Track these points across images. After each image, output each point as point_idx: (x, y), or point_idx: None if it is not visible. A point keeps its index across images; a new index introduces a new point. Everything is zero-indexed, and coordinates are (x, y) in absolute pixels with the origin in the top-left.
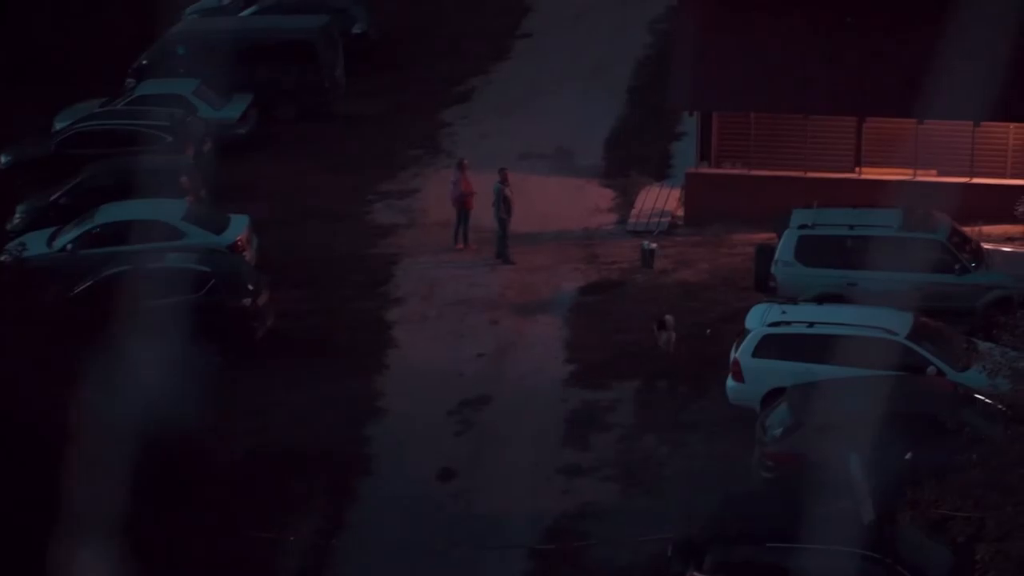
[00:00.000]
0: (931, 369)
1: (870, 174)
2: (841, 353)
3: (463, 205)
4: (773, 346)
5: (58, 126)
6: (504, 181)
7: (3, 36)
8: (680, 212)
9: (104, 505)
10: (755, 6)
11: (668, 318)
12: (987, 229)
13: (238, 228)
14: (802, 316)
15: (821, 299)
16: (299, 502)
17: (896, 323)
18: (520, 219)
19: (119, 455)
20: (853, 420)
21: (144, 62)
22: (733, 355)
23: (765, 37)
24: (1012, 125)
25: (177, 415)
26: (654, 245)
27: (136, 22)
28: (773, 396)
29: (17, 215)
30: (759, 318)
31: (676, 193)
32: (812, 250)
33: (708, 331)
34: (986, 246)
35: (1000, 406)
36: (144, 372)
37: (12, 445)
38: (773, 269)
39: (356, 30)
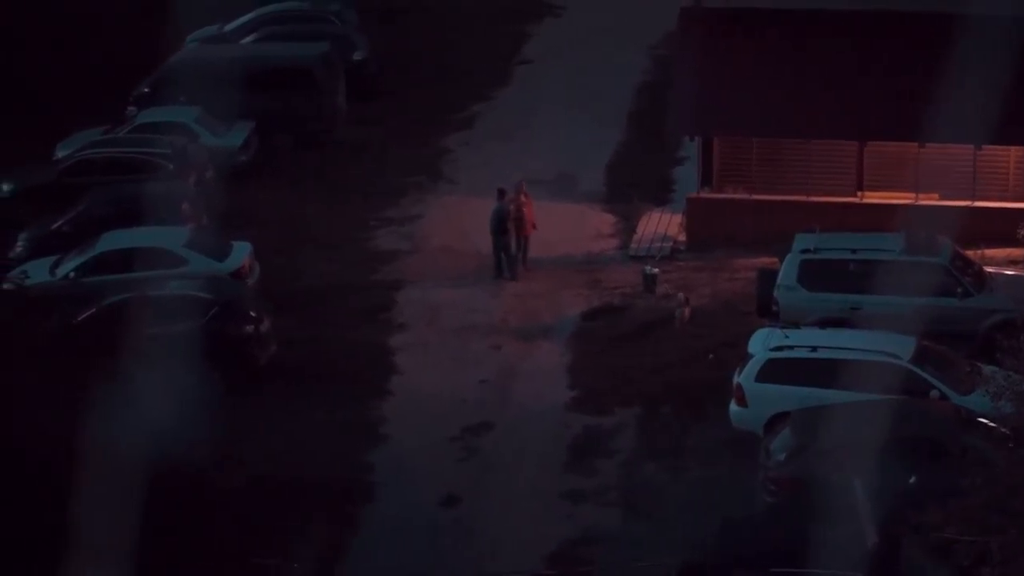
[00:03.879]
0: (934, 393)
1: (872, 198)
2: (844, 377)
3: (521, 231)
4: (776, 371)
5: (60, 154)
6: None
7: (4, 64)
8: (682, 237)
9: (108, 533)
10: (755, 31)
11: (680, 295)
12: (989, 252)
13: (240, 255)
14: (805, 340)
15: (824, 323)
16: (302, 529)
17: (899, 347)
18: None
19: (122, 483)
20: (856, 444)
21: (146, 90)
22: (736, 380)
23: (765, 61)
24: (1013, 148)
25: (180, 443)
26: (656, 270)
27: (138, 50)
28: (776, 421)
29: (20, 243)
30: (762, 343)
31: (678, 218)
32: (815, 274)
33: (711, 356)
34: (988, 269)
35: (1004, 430)
36: (147, 400)
37: (16, 473)
38: (776, 293)
39: (356, 57)
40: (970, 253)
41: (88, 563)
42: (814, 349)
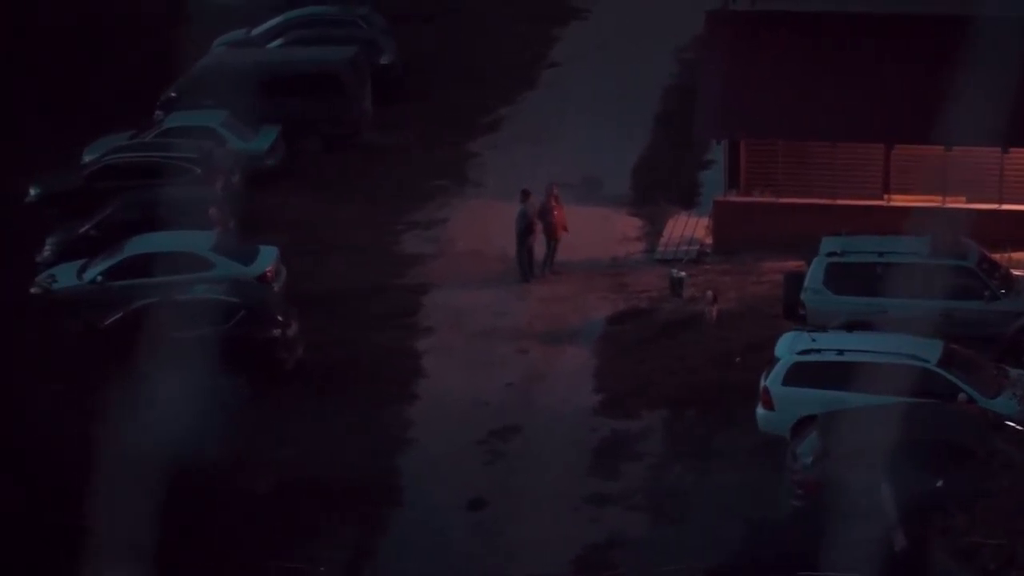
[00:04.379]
0: (962, 396)
1: (899, 201)
2: (871, 381)
3: (553, 234)
4: (803, 374)
5: (87, 159)
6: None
7: (33, 69)
8: (709, 240)
9: (133, 536)
10: (782, 34)
11: (709, 293)
12: (1016, 255)
13: (267, 259)
14: (832, 344)
15: (850, 327)
16: (328, 533)
17: (926, 350)
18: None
19: (148, 486)
20: (883, 448)
21: (173, 94)
22: (763, 383)
23: (792, 65)
24: None
25: (206, 446)
26: (683, 273)
27: (165, 54)
28: (803, 424)
29: (47, 247)
30: (788, 346)
31: (704, 221)
32: (841, 278)
33: (737, 359)
34: (1015, 272)
35: None
36: (173, 403)
37: (43, 474)
38: (802, 297)
39: (383, 61)
40: (997, 256)
41: (114, 565)
42: (841, 352)
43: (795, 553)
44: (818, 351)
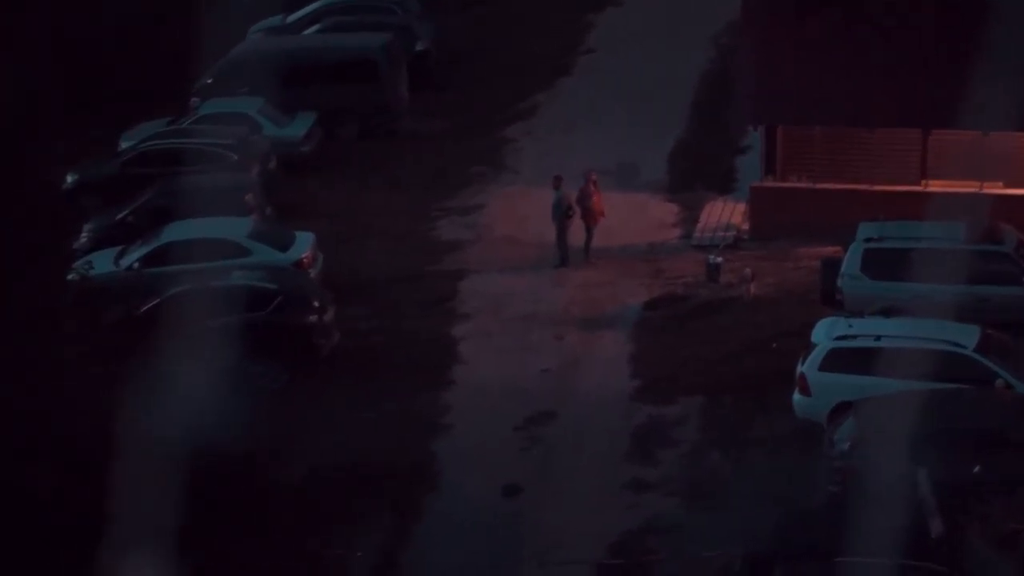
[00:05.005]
0: (999, 382)
1: (936, 186)
2: (908, 366)
3: (591, 220)
4: (840, 360)
5: (124, 145)
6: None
7: (69, 57)
8: (745, 226)
9: (169, 523)
10: (818, 19)
11: (747, 270)
12: None
13: (303, 246)
14: (869, 330)
15: (887, 312)
16: (364, 519)
17: (963, 336)
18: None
19: (184, 473)
20: (920, 434)
21: (209, 81)
22: (799, 369)
23: (829, 50)
24: None
25: (242, 433)
26: (719, 259)
27: (201, 41)
28: (840, 410)
29: (84, 234)
30: (825, 332)
31: (741, 207)
32: (878, 263)
33: (774, 345)
34: None
35: None
36: (209, 390)
37: (78, 460)
38: (839, 282)
39: (419, 48)
40: None
41: (149, 552)
42: (878, 338)
43: (832, 539)
44: (855, 337)
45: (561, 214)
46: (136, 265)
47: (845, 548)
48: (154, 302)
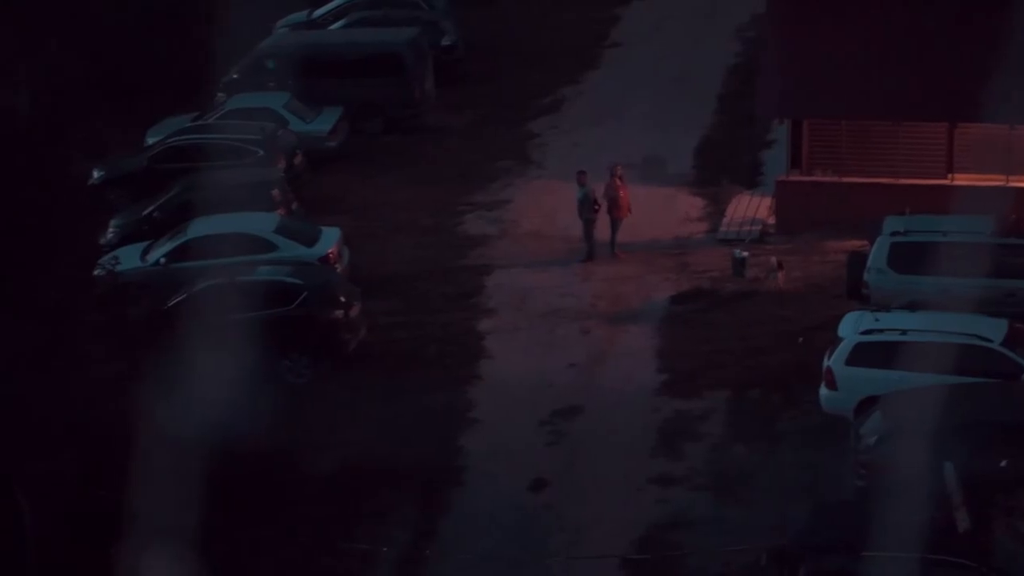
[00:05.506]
0: None
1: (962, 180)
2: (935, 360)
3: (617, 214)
4: (866, 354)
5: (150, 141)
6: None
7: (96, 52)
8: (771, 220)
9: (197, 515)
10: (843, 11)
11: (773, 259)
12: None
13: (329, 241)
14: (895, 324)
15: (914, 306)
16: (391, 513)
17: (990, 330)
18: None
19: (211, 467)
20: (947, 428)
21: (235, 76)
22: (826, 363)
23: (854, 43)
24: None
25: (269, 428)
26: (745, 253)
27: (227, 37)
28: (866, 404)
29: (110, 229)
30: (852, 326)
31: (767, 201)
32: (905, 257)
33: (800, 339)
34: None
35: None
36: (235, 385)
37: (105, 455)
38: (866, 276)
39: (445, 42)
40: None
41: (177, 544)
42: (904, 332)
43: (858, 533)
44: (881, 331)
45: (588, 210)
46: (162, 260)
47: (872, 542)
48: (180, 297)
